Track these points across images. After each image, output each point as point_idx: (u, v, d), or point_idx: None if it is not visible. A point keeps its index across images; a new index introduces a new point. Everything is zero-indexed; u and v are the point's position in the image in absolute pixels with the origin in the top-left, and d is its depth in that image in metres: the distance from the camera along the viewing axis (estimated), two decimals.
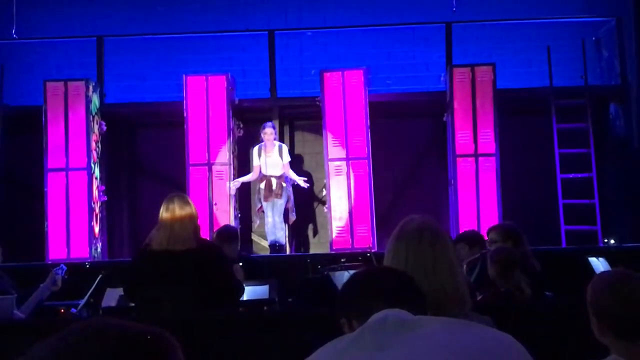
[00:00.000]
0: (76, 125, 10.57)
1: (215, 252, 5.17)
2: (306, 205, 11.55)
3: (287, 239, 10.66)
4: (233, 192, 10.54)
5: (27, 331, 4.87)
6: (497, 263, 5.53)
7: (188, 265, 4.89)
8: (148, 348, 1.22)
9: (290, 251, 10.90)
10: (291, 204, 10.45)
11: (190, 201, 5.19)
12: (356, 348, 1.68)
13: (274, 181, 10.30)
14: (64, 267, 6.41)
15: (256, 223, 10.57)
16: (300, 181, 10.36)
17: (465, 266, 6.51)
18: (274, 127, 10.47)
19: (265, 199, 10.32)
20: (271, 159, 10.34)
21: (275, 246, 10.24)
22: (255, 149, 10.46)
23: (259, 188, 10.43)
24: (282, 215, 10.39)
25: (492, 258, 5.60)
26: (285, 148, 10.51)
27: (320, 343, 1.79)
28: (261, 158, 10.35)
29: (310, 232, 11.79)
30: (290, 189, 10.43)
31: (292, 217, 10.55)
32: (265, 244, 10.60)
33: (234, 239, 7.36)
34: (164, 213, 5.03)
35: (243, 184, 10.72)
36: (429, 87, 11.58)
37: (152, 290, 4.93)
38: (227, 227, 8.01)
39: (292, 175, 10.38)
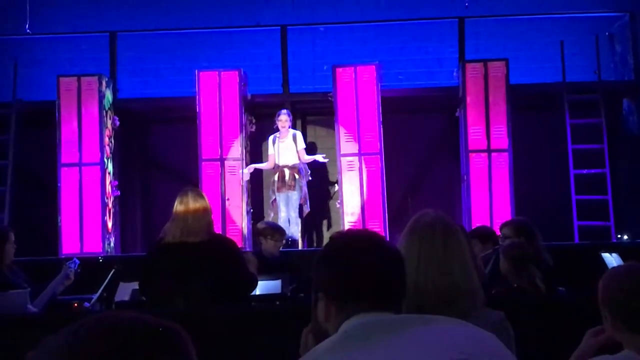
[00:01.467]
0: (89, 121, 10.61)
1: (227, 245, 5.19)
2: (319, 200, 11.57)
3: (300, 234, 10.66)
4: (247, 177, 10.55)
5: (41, 325, 4.89)
6: (511, 258, 5.51)
7: (201, 257, 4.92)
8: (159, 341, 1.22)
9: (303, 246, 10.91)
10: (305, 197, 10.44)
11: (204, 195, 5.24)
12: (342, 350, 1.72)
13: (287, 172, 10.29)
14: (77, 260, 6.44)
15: (270, 217, 10.55)
16: (319, 157, 10.41)
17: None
18: (289, 114, 10.48)
19: (279, 190, 10.31)
20: (284, 144, 10.35)
21: (289, 241, 10.23)
22: (271, 138, 10.49)
23: (273, 180, 10.43)
24: (297, 210, 10.39)
25: (505, 253, 5.58)
26: (299, 135, 10.52)
27: None
28: (275, 145, 10.37)
29: (322, 227, 11.79)
30: (304, 181, 10.43)
31: (306, 210, 10.55)
32: None
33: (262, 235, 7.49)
34: (178, 206, 5.07)
35: (256, 176, 10.74)
36: (442, 82, 11.56)
37: (166, 282, 4.96)
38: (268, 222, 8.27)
39: (309, 158, 10.39)
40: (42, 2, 11.95)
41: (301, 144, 10.42)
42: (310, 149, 11.27)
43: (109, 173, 10.77)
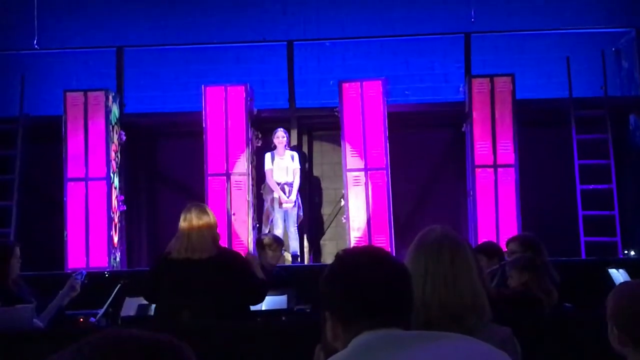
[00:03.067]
0: (96, 135, 10.62)
1: (234, 259, 5.19)
2: (325, 215, 11.59)
3: (299, 248, 10.66)
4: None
5: (47, 340, 4.89)
6: (528, 269, 5.49)
7: (207, 274, 4.91)
8: (164, 358, 1.22)
9: (309, 261, 10.91)
10: (299, 205, 10.54)
11: (208, 210, 5.21)
12: None
13: (286, 189, 10.39)
14: (84, 272, 6.43)
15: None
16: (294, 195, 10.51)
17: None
18: (285, 132, 10.64)
19: (279, 206, 10.36)
20: (283, 162, 10.45)
21: (292, 256, 10.26)
22: (268, 155, 10.52)
23: (272, 197, 10.46)
24: (296, 225, 10.44)
25: (520, 266, 5.55)
26: (297, 156, 10.60)
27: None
28: (274, 162, 10.43)
29: (328, 242, 11.78)
30: (299, 197, 10.52)
31: (300, 216, 10.59)
32: (287, 255, 10.56)
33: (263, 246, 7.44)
34: (182, 223, 5.07)
35: (260, 191, 10.78)
36: (448, 97, 11.57)
37: (172, 299, 4.95)
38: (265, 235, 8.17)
39: (297, 184, 10.51)
40: (50, 18, 12.00)
41: (297, 164, 10.53)
42: (316, 171, 11.34)
43: (115, 188, 10.77)
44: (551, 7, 12.11)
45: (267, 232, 10.21)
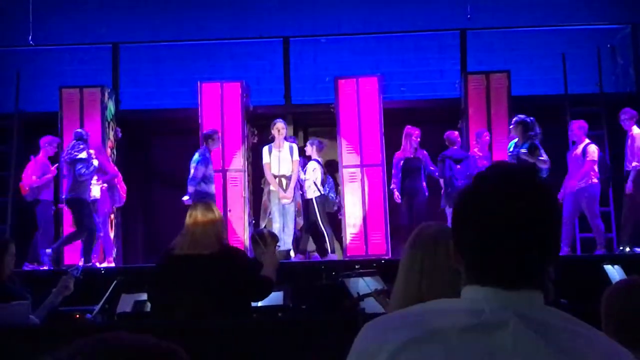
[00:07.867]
0: (91, 132, 10.59)
1: (234, 256, 5.18)
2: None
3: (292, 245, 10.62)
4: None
5: (42, 336, 4.88)
6: None
7: (205, 270, 4.91)
8: None
9: (305, 257, 10.90)
10: (300, 209, 10.44)
11: (214, 208, 5.23)
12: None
13: (284, 182, 10.28)
14: (79, 266, 6.44)
15: (262, 226, 10.51)
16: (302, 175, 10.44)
17: None
18: (284, 123, 10.44)
19: (282, 198, 10.24)
20: (282, 154, 10.32)
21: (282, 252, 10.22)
22: (265, 148, 10.40)
23: (269, 190, 10.35)
24: (294, 222, 10.35)
25: None
26: (295, 147, 10.50)
27: (333, 349, 1.81)
28: (272, 155, 10.31)
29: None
30: (298, 193, 10.41)
31: (300, 222, 10.51)
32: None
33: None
34: (187, 219, 5.10)
35: (257, 187, 10.73)
36: (444, 94, 11.57)
37: (169, 295, 4.96)
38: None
39: (300, 174, 10.41)
40: (45, 14, 11.98)
41: (296, 156, 10.41)
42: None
43: None
44: (547, 4, 12.11)
45: (263, 225, 10.20)
